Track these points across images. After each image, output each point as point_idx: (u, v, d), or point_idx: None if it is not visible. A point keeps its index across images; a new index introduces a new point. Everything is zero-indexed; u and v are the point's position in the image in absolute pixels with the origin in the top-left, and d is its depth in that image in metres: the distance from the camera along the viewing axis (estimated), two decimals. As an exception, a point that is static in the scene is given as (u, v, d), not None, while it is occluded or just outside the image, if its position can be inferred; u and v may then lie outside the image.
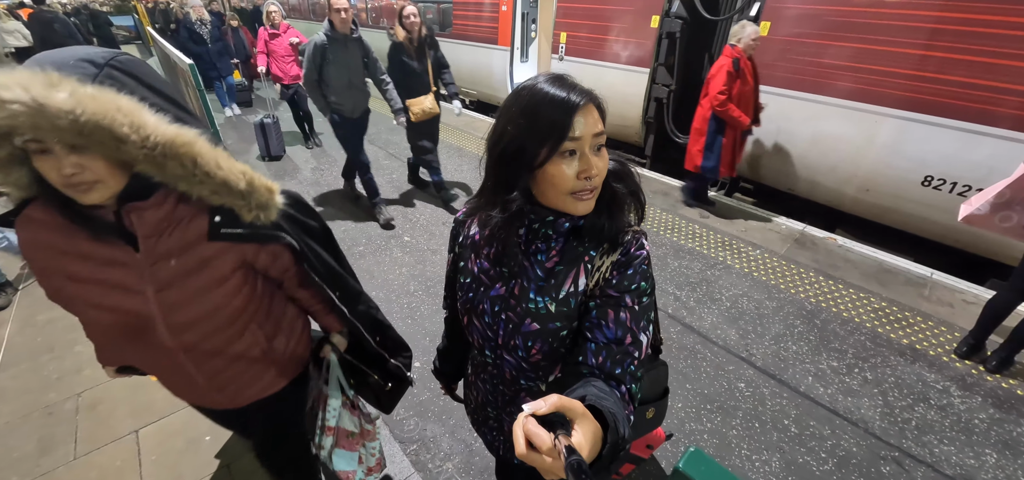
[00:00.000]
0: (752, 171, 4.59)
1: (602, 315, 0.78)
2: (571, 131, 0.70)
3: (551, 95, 0.71)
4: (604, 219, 0.80)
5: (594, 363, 0.75)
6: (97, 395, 2.32)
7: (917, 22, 3.26)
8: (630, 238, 0.81)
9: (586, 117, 0.71)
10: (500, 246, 0.85)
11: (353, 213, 4.16)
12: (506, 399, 0.99)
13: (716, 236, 3.79)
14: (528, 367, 0.90)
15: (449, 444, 2.08)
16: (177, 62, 5.13)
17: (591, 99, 0.72)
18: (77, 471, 1.98)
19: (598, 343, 0.76)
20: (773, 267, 3.37)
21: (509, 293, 0.86)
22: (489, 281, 0.89)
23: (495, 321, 0.88)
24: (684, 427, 2.17)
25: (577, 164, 0.72)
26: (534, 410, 0.52)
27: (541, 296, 0.82)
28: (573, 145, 0.71)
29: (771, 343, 2.67)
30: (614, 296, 0.78)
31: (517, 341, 0.86)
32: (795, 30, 3.90)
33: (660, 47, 4.91)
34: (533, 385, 0.93)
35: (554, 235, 0.82)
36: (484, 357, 0.96)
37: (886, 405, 2.29)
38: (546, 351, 0.85)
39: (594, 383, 0.69)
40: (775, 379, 2.43)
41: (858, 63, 3.58)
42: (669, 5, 4.75)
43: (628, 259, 0.80)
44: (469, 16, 7.23)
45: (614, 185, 0.81)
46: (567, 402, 0.53)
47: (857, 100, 3.63)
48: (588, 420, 0.53)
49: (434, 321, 2.83)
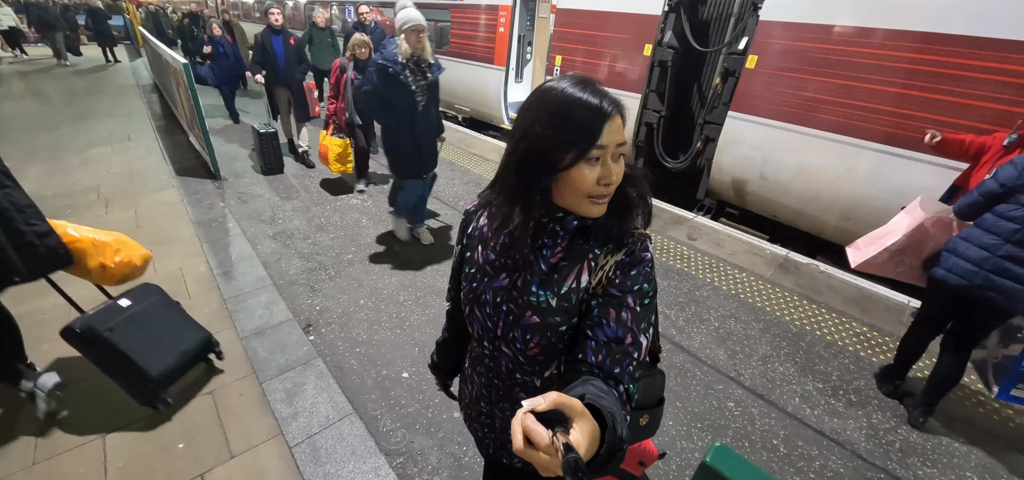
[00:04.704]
0: (738, 197, 4.70)
1: (604, 314, 0.78)
2: (599, 138, 0.71)
3: (583, 100, 0.71)
4: (614, 221, 0.81)
5: (593, 361, 0.75)
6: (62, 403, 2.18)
7: (894, 62, 3.43)
8: (635, 239, 0.81)
9: (613, 125, 0.72)
10: (510, 240, 0.85)
11: (342, 223, 4.10)
12: (500, 394, 0.99)
13: (703, 258, 3.84)
14: (525, 361, 0.90)
15: (437, 458, 2.01)
16: (171, 62, 5.08)
17: (618, 109, 0.74)
18: (35, 478, 1.85)
19: (598, 341, 0.77)
20: (759, 290, 3.43)
21: (512, 285, 0.86)
22: (494, 272, 0.89)
23: (496, 312, 0.89)
24: (675, 445, 2.15)
25: (599, 170, 0.73)
26: (533, 406, 0.52)
27: (543, 290, 0.83)
28: (598, 152, 0.72)
29: (759, 364, 2.69)
30: (616, 296, 0.79)
31: (516, 333, 0.87)
32: (781, 64, 4.06)
33: (652, 74, 5.04)
34: (528, 380, 0.93)
35: (562, 232, 0.83)
36: (482, 349, 0.97)
37: (870, 427, 2.31)
38: (544, 345, 0.85)
39: (593, 382, 0.69)
40: (763, 399, 2.44)
41: (840, 98, 3.73)
42: (662, 35, 4.91)
43: (633, 260, 0.80)
44: (466, 35, 7.34)
45: (627, 189, 0.82)
46: (566, 400, 0.53)
47: (839, 133, 3.77)
48: (586, 419, 0.53)
49: (424, 331, 2.78)
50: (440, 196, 4.74)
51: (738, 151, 4.49)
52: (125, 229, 3.70)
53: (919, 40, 3.31)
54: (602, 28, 5.44)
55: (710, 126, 4.71)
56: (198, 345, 2.31)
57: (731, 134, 4.50)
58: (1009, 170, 1.97)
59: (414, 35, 2.95)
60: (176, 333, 2.28)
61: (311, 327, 2.76)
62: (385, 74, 2.97)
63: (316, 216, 4.17)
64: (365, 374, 2.44)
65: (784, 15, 3.99)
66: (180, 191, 4.49)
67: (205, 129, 4.57)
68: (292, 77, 5.22)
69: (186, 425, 2.10)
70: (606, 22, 5.40)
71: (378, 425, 2.15)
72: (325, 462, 1.95)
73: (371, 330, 2.76)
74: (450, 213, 4.42)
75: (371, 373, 2.45)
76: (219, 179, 4.78)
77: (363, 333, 2.74)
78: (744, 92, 4.33)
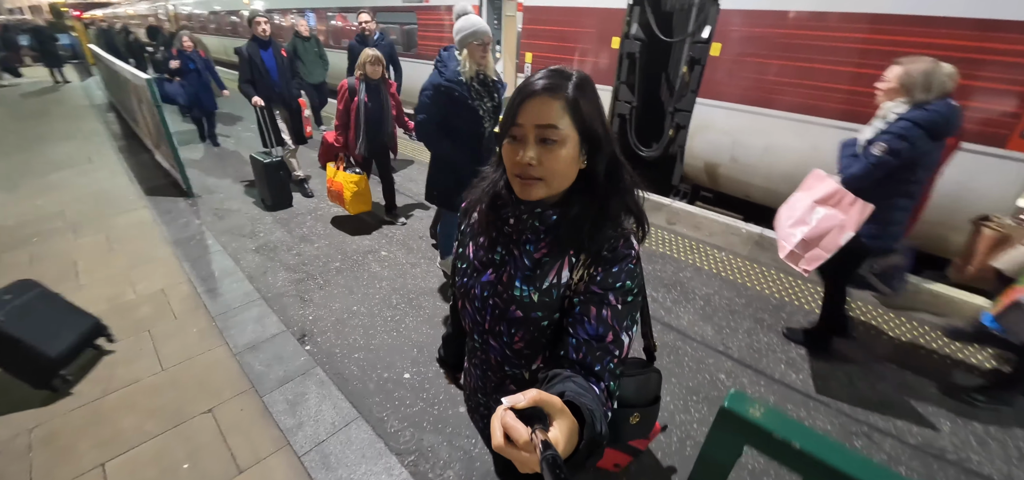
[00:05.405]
0: (711, 181, 4.88)
1: (585, 311, 0.78)
2: (517, 116, 0.73)
3: (527, 79, 0.76)
4: (584, 230, 0.80)
5: (574, 358, 0.75)
6: (52, 428, 2.12)
7: (848, 43, 3.65)
8: (618, 235, 0.80)
9: (537, 107, 0.72)
10: (481, 220, 0.89)
11: (325, 232, 4.05)
12: (492, 385, 1.01)
13: (684, 241, 3.99)
14: (512, 354, 0.91)
15: (448, 452, 2.05)
16: (131, 79, 4.89)
17: (550, 91, 0.73)
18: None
19: (579, 338, 0.77)
20: (738, 267, 3.59)
21: (498, 280, 0.88)
22: (481, 267, 0.91)
23: (484, 306, 0.91)
24: (674, 418, 2.25)
25: (519, 150, 0.75)
26: (513, 404, 0.52)
27: (526, 285, 0.84)
28: (517, 131, 0.74)
29: (744, 336, 2.82)
30: (598, 293, 0.78)
31: (502, 327, 0.89)
32: (743, 51, 4.24)
33: (622, 66, 5.17)
34: (518, 373, 0.94)
35: (542, 227, 0.83)
36: (474, 342, 0.99)
37: (851, 385, 2.47)
38: (528, 340, 0.87)
39: (574, 379, 0.69)
40: (752, 369, 2.57)
41: (801, 80, 3.93)
42: (628, 27, 5.04)
43: (615, 257, 0.79)
44: (435, 37, 7.33)
45: (609, 200, 0.80)
46: (546, 397, 0.53)
47: (801, 113, 3.98)
48: (566, 416, 0.54)
49: (420, 332, 2.79)
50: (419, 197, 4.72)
51: (709, 136, 4.66)
52: (97, 253, 3.60)
53: (869, 21, 3.54)
54: (570, 23, 5.53)
55: (680, 114, 4.87)
56: (89, 328, 2.53)
57: (701, 120, 4.67)
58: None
59: (480, 49, 2.43)
60: (63, 319, 2.47)
61: (306, 337, 2.74)
62: (450, 98, 2.47)
63: (296, 227, 4.11)
64: (366, 378, 2.44)
65: (743, 3, 4.17)
66: (152, 211, 4.34)
67: (173, 145, 4.43)
68: (290, 93, 4.58)
69: (188, 444, 2.06)
70: (573, 17, 5.49)
71: (385, 427, 2.16)
72: (336, 467, 1.96)
73: (368, 335, 2.76)
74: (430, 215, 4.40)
75: (372, 377, 2.45)
76: (192, 196, 4.64)
77: (360, 339, 2.73)
78: (711, 79, 4.51)
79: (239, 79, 4.29)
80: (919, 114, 1.97)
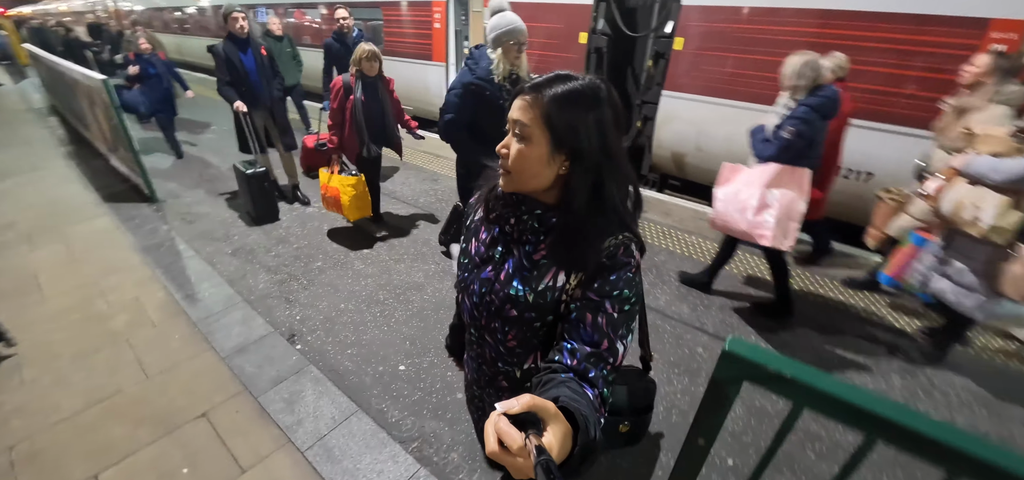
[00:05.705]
0: (679, 169, 5.12)
1: (581, 318, 0.78)
2: (511, 112, 0.80)
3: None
4: (561, 247, 0.83)
5: (569, 363, 0.75)
6: (35, 446, 2.04)
7: (801, 37, 3.92)
8: (618, 244, 0.80)
9: (519, 104, 0.78)
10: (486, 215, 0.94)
11: (303, 233, 4.00)
12: (487, 379, 1.05)
13: (656, 227, 4.18)
14: (504, 351, 0.94)
15: (451, 435, 2.12)
16: (81, 80, 4.62)
17: (532, 91, 0.77)
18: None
19: (574, 344, 0.77)
20: (708, 249, 3.81)
21: (495, 277, 0.90)
22: (481, 263, 0.93)
23: (481, 302, 0.93)
24: (660, 390, 2.40)
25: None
26: (507, 409, 0.52)
27: (523, 285, 0.85)
28: (509, 124, 0.80)
29: (717, 312, 3.03)
30: (594, 300, 0.78)
31: (496, 324, 0.91)
32: (704, 45, 4.48)
33: (589, 61, 5.33)
34: (510, 370, 0.97)
35: (541, 229, 0.85)
36: (471, 335, 1.03)
37: (813, 349, 2.71)
38: (520, 339, 0.90)
39: (568, 384, 0.69)
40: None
41: (759, 72, 4.19)
42: (595, 23, 5.20)
43: (614, 264, 0.79)
44: (402, 33, 7.27)
45: (591, 218, 0.80)
46: (539, 402, 0.53)
47: (760, 103, 4.24)
48: (560, 421, 0.54)
49: (411, 325, 2.84)
50: (397, 194, 4.73)
51: (675, 127, 4.90)
52: (58, 265, 3.43)
53: (819, 16, 3.82)
54: (538, 19, 5.63)
55: (647, 106, 5.09)
56: None
57: (667, 112, 4.90)
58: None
59: (516, 49, 2.32)
60: None
61: (296, 336, 2.72)
62: (480, 97, 2.37)
63: (272, 229, 4.02)
64: (362, 373, 2.47)
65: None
66: (113, 218, 4.14)
67: (134, 149, 4.24)
68: (272, 96, 4.12)
69: (185, 449, 2.04)
70: (541, 13, 5.60)
71: (386, 417, 2.21)
72: (341, 459, 1.99)
73: (358, 331, 2.78)
74: (408, 210, 4.42)
75: (368, 371, 2.48)
76: (156, 202, 4.45)
77: (351, 335, 2.75)
78: (675, 73, 4.73)
79: (217, 82, 3.88)
80: (814, 100, 2.37)
